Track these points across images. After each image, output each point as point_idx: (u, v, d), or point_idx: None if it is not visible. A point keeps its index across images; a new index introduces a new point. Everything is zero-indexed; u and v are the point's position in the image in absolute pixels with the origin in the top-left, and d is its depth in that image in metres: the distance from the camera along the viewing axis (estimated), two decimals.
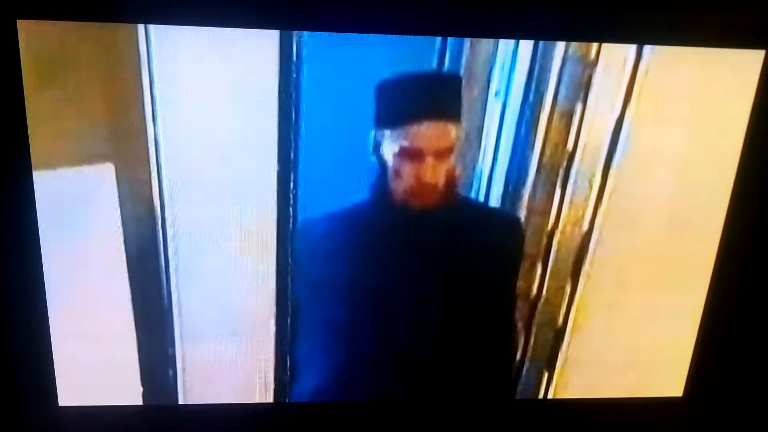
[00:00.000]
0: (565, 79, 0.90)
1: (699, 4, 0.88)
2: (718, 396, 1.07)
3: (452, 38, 0.87)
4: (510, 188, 0.95)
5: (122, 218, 0.90)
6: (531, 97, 0.91)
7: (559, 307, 1.02)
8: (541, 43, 0.88)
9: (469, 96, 0.90)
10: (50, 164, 0.87)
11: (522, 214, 0.96)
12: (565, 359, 1.05)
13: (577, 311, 1.02)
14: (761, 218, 0.99)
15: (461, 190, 0.94)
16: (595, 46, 0.89)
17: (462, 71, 0.89)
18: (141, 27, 0.83)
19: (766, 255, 1.01)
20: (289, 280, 0.96)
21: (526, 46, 0.88)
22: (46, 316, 0.93)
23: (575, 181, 0.95)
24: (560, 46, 0.89)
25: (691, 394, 1.07)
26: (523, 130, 0.92)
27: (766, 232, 0.99)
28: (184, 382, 1.01)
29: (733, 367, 1.06)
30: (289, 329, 0.99)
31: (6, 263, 0.90)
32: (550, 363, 1.06)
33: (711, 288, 1.02)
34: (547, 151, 0.94)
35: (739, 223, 0.98)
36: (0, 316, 0.92)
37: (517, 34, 0.88)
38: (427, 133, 0.91)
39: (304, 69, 0.86)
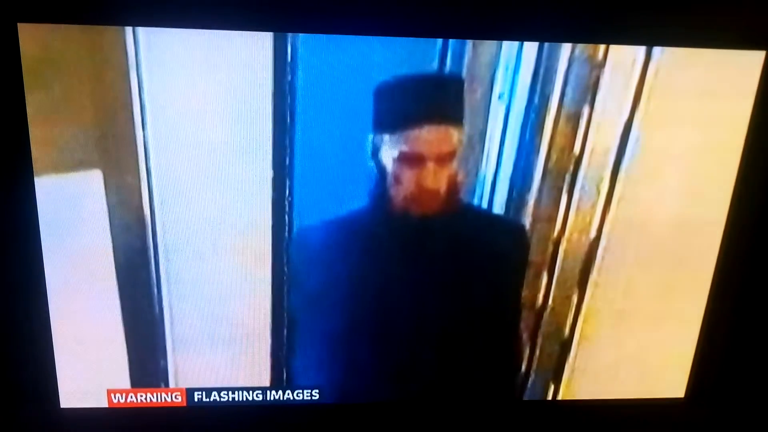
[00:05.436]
0: (572, 80, 0.88)
1: (700, 5, 0.86)
2: (718, 397, 1.08)
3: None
4: (514, 194, 0.93)
5: (111, 226, 0.88)
6: (536, 100, 0.88)
7: (566, 317, 1.00)
8: (546, 43, 0.86)
9: (471, 98, 0.87)
10: (36, 171, 0.85)
11: (527, 221, 0.94)
12: (572, 371, 1.04)
13: (584, 321, 1.01)
14: (762, 220, 0.98)
15: (464, 197, 0.92)
16: (602, 46, 0.87)
17: (464, 73, 0.86)
18: (129, 29, 0.81)
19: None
20: (285, 290, 0.94)
21: (530, 46, 0.86)
22: (48, 321, 0.93)
23: (582, 187, 0.93)
24: (566, 46, 0.86)
25: (693, 395, 1.07)
26: (527, 134, 0.90)
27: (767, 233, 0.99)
28: None
29: (734, 369, 1.06)
30: (285, 341, 0.97)
31: (8, 269, 0.90)
32: (556, 374, 1.04)
33: (712, 290, 1.01)
34: (553, 156, 0.91)
35: (739, 225, 0.97)
36: (3, 322, 0.92)
37: (522, 36, 0.85)
38: (428, 137, 0.88)
39: (300, 70, 0.84)
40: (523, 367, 1.03)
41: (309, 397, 1.02)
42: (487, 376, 1.04)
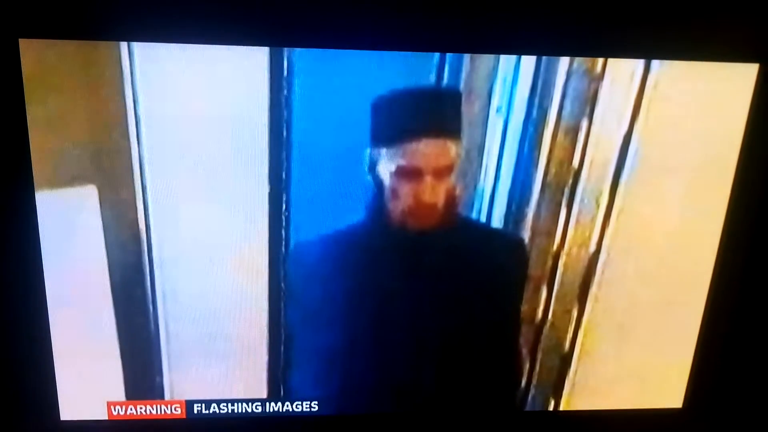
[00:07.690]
0: (570, 94, 0.87)
1: (697, 20, 0.86)
2: (716, 407, 1.07)
3: None
4: (513, 208, 0.92)
5: (106, 242, 0.88)
6: (534, 113, 0.88)
7: (566, 331, 0.99)
8: (544, 56, 0.85)
9: (469, 112, 0.87)
10: None
11: (526, 234, 0.93)
12: (572, 385, 1.03)
13: (584, 336, 1.00)
14: (759, 232, 0.97)
15: (462, 211, 0.91)
16: (600, 59, 0.86)
17: (462, 86, 0.86)
18: (123, 44, 0.80)
19: (765, 266, 0.99)
20: (282, 305, 0.93)
21: (528, 60, 0.85)
22: (48, 334, 0.93)
23: (581, 200, 0.92)
24: (564, 60, 0.86)
25: (690, 405, 1.07)
26: (526, 148, 0.89)
27: (764, 242, 0.98)
28: None
29: (731, 379, 1.06)
30: (282, 357, 0.96)
31: (9, 284, 0.90)
32: (556, 390, 1.03)
33: (709, 302, 1.00)
34: (552, 169, 0.91)
35: (737, 237, 0.97)
36: (4, 336, 0.92)
37: (520, 49, 0.85)
38: (426, 151, 0.88)
39: (296, 85, 0.84)
40: (523, 382, 1.02)
41: (308, 409, 1.01)
42: (486, 390, 1.03)
